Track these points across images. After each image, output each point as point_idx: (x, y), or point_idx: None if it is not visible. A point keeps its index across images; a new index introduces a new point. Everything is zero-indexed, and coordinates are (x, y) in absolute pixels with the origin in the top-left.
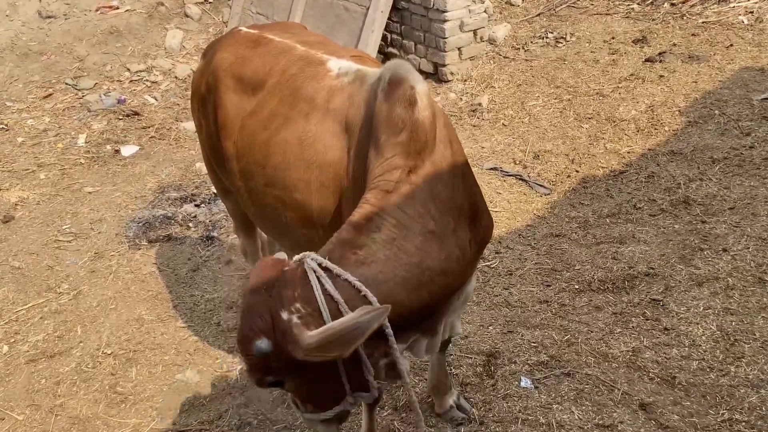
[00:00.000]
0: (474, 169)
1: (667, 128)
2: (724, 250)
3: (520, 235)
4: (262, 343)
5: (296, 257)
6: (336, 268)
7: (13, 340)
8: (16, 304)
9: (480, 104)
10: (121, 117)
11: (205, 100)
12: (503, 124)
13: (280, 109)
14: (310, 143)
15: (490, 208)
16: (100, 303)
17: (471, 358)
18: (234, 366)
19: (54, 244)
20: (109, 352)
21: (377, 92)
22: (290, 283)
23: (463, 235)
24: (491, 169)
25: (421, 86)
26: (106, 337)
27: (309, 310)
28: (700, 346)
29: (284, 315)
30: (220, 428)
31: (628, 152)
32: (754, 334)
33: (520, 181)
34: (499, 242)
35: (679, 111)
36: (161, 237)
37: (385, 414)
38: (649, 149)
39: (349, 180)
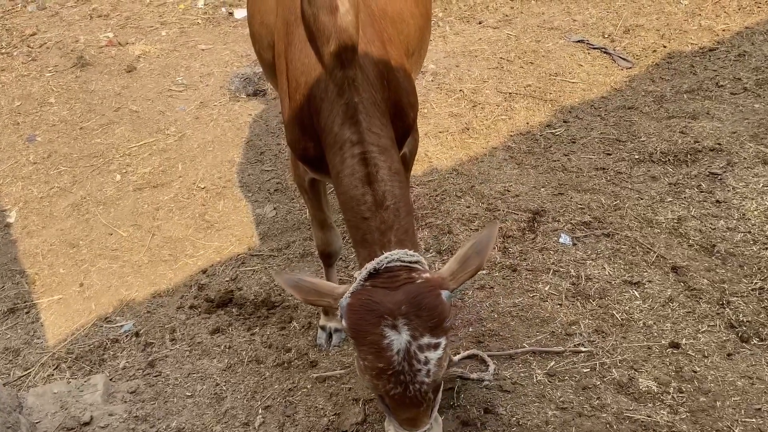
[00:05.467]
0: (560, 42)
1: None
2: None
3: (591, 105)
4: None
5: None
6: None
7: (125, 171)
8: (130, 141)
9: None
10: None
11: None
12: None
13: None
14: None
15: (567, 80)
16: (200, 145)
17: (517, 214)
18: (305, 207)
19: (167, 93)
20: (202, 186)
21: None
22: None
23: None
24: (578, 41)
25: None
26: (201, 174)
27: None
28: (750, 220)
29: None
30: (286, 255)
31: (723, 30)
32: None
33: (604, 54)
34: (569, 111)
35: None
36: (258, 91)
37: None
38: (746, 27)
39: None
